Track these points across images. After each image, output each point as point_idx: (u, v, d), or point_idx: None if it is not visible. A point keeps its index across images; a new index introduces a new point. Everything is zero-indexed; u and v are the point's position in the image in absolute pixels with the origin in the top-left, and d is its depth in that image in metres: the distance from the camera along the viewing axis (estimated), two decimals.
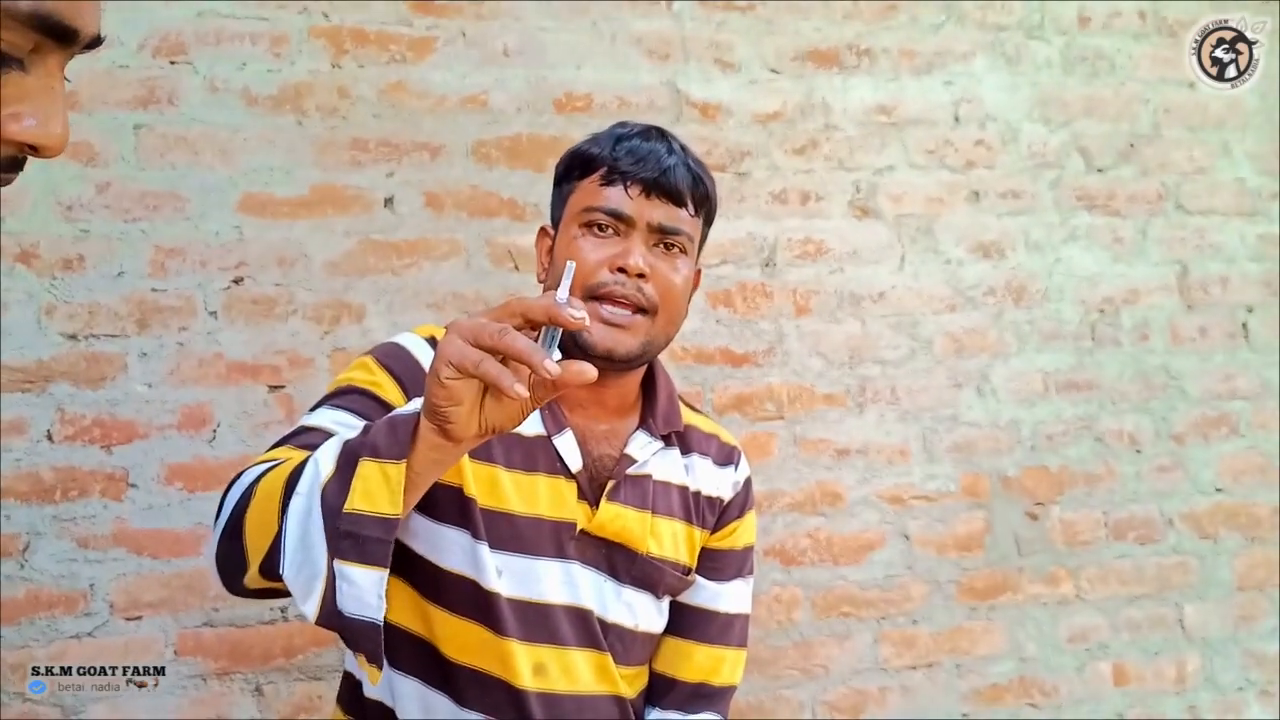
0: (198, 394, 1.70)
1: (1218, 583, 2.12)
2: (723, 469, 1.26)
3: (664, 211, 1.13)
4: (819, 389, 1.97)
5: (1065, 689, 2.01)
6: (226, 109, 1.75)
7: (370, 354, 1.14)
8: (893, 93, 2.06)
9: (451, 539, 1.10)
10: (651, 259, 1.12)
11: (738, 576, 1.27)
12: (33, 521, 1.63)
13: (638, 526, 1.16)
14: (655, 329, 1.13)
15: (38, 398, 1.65)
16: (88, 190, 1.69)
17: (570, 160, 1.18)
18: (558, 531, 1.13)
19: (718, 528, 1.26)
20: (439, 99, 1.84)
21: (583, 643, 1.13)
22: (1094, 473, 2.08)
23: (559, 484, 1.13)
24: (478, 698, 1.10)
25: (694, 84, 1.96)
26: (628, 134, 1.15)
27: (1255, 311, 2.21)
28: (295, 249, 1.76)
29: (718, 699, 1.26)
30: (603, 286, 1.10)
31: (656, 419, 1.20)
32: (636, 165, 1.12)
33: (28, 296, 1.66)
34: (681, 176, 1.13)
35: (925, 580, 1.97)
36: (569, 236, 1.14)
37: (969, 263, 2.07)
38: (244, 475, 0.97)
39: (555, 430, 1.14)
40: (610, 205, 1.12)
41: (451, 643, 1.10)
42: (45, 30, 0.55)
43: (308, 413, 1.10)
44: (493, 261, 1.84)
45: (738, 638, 1.28)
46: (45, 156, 0.58)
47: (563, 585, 1.12)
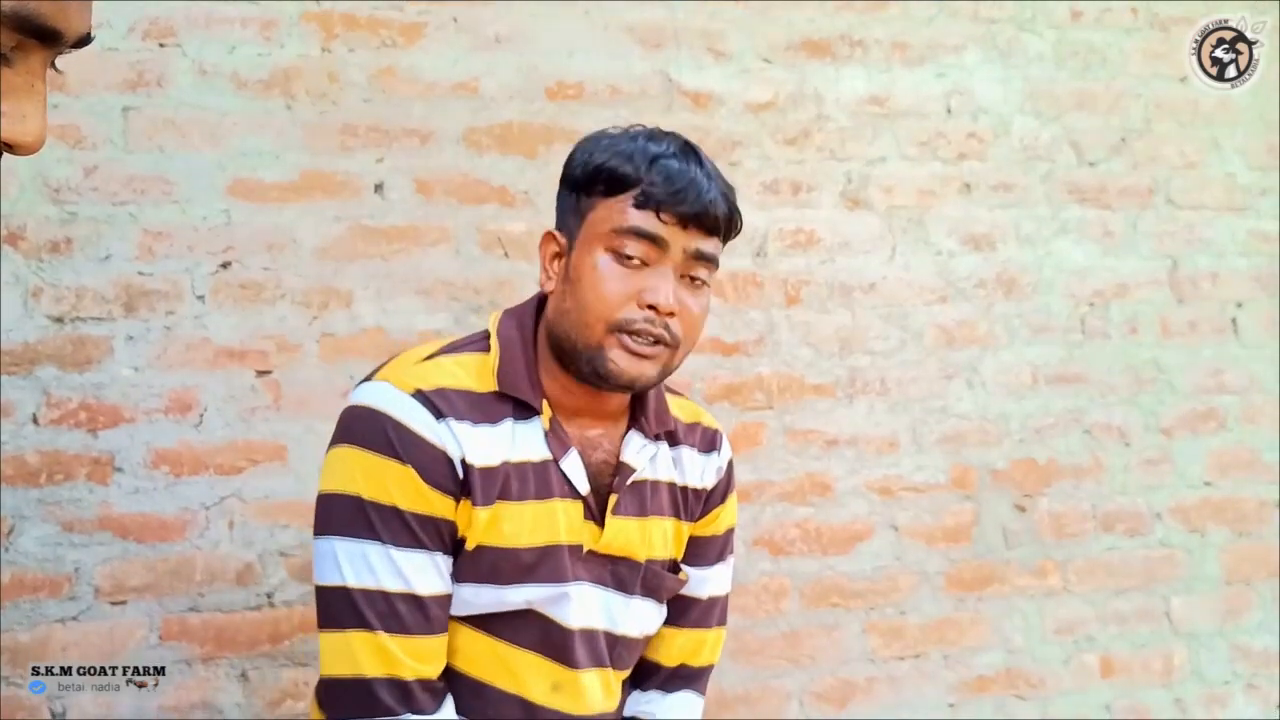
0: (185, 378, 1.70)
1: (1205, 576, 2.12)
2: (707, 455, 1.26)
3: (699, 240, 1.08)
4: (809, 379, 1.97)
5: (1052, 680, 2.01)
6: (216, 92, 1.75)
7: (388, 453, 1.04)
8: (885, 84, 2.06)
9: (465, 590, 1.09)
10: (680, 293, 1.07)
11: (719, 560, 1.28)
12: (18, 505, 1.62)
13: (638, 536, 1.16)
14: (674, 359, 1.11)
15: (24, 380, 1.64)
16: (75, 173, 1.68)
17: (594, 173, 1.09)
18: (571, 555, 1.12)
19: (702, 515, 1.26)
20: (429, 85, 1.83)
21: (592, 663, 1.14)
22: (1082, 465, 2.08)
23: (569, 507, 1.12)
24: (484, 709, 1.10)
25: (686, 73, 1.96)
26: (664, 154, 1.07)
27: (1245, 306, 2.21)
28: (284, 234, 1.75)
29: (696, 678, 1.27)
30: (632, 323, 1.05)
31: (649, 419, 1.18)
32: (675, 195, 1.05)
33: (14, 279, 1.65)
34: (720, 209, 1.08)
35: (913, 571, 1.97)
36: (591, 259, 1.07)
37: (960, 255, 2.07)
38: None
39: (561, 453, 1.12)
40: (645, 228, 1.06)
41: (460, 654, 1.10)
42: (26, 31, 0.54)
43: (346, 544, 1.03)
44: (482, 249, 1.83)
45: (718, 618, 1.29)
46: (19, 154, 0.58)
47: (575, 608, 1.11)
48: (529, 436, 1.11)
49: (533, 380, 1.12)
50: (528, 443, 1.11)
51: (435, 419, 1.05)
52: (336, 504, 1.05)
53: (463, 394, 1.08)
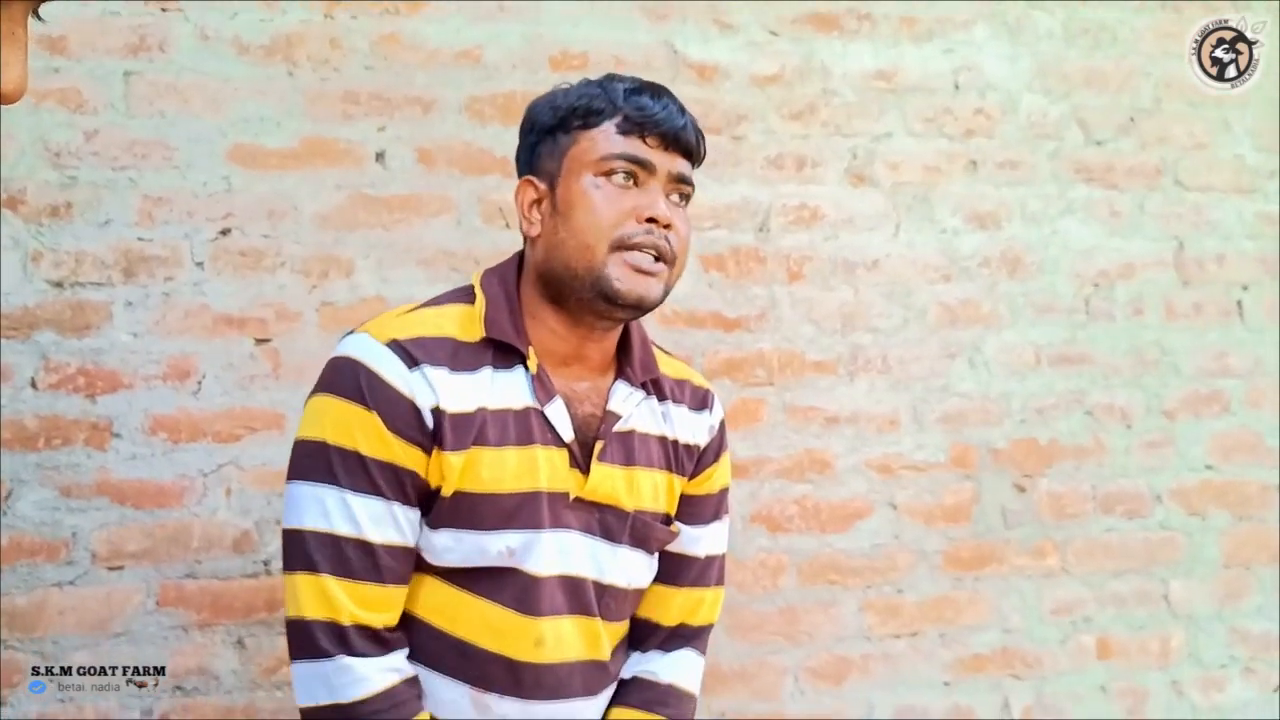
0: (183, 345, 1.69)
1: (1204, 559, 2.12)
2: (698, 414, 1.27)
3: (681, 164, 1.15)
4: (810, 356, 1.96)
5: (1048, 661, 2.01)
6: (217, 58, 1.73)
7: (358, 400, 1.06)
8: (892, 59, 2.04)
9: (444, 538, 1.10)
10: (671, 210, 1.13)
11: (715, 519, 1.29)
12: (15, 469, 1.62)
13: (624, 484, 1.17)
14: (671, 277, 1.15)
15: (22, 345, 1.64)
16: (76, 137, 1.68)
17: (567, 112, 1.14)
18: (553, 503, 1.12)
19: (695, 474, 1.26)
20: (432, 53, 1.82)
21: (575, 610, 1.14)
22: (1084, 446, 2.07)
23: (552, 454, 1.13)
24: (468, 669, 1.11)
25: (692, 44, 1.94)
26: (634, 88, 1.15)
27: (1250, 289, 2.19)
28: (284, 201, 1.74)
29: (695, 637, 1.28)
30: (632, 238, 1.10)
31: (635, 368, 1.20)
32: (654, 120, 1.12)
33: (13, 243, 1.65)
34: (692, 132, 1.15)
35: (911, 549, 1.97)
36: (580, 186, 1.12)
37: (964, 233, 2.05)
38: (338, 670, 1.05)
39: (546, 400, 1.13)
40: (633, 153, 1.11)
41: (444, 615, 1.11)
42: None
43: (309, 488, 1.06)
44: (484, 219, 1.83)
45: (715, 578, 1.30)
46: (1, 103, 0.57)
47: (558, 556, 1.12)
48: (511, 384, 1.13)
49: (518, 327, 1.14)
50: (509, 390, 1.12)
51: (408, 368, 1.08)
52: (304, 450, 1.09)
53: (443, 342, 1.11)
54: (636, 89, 1.14)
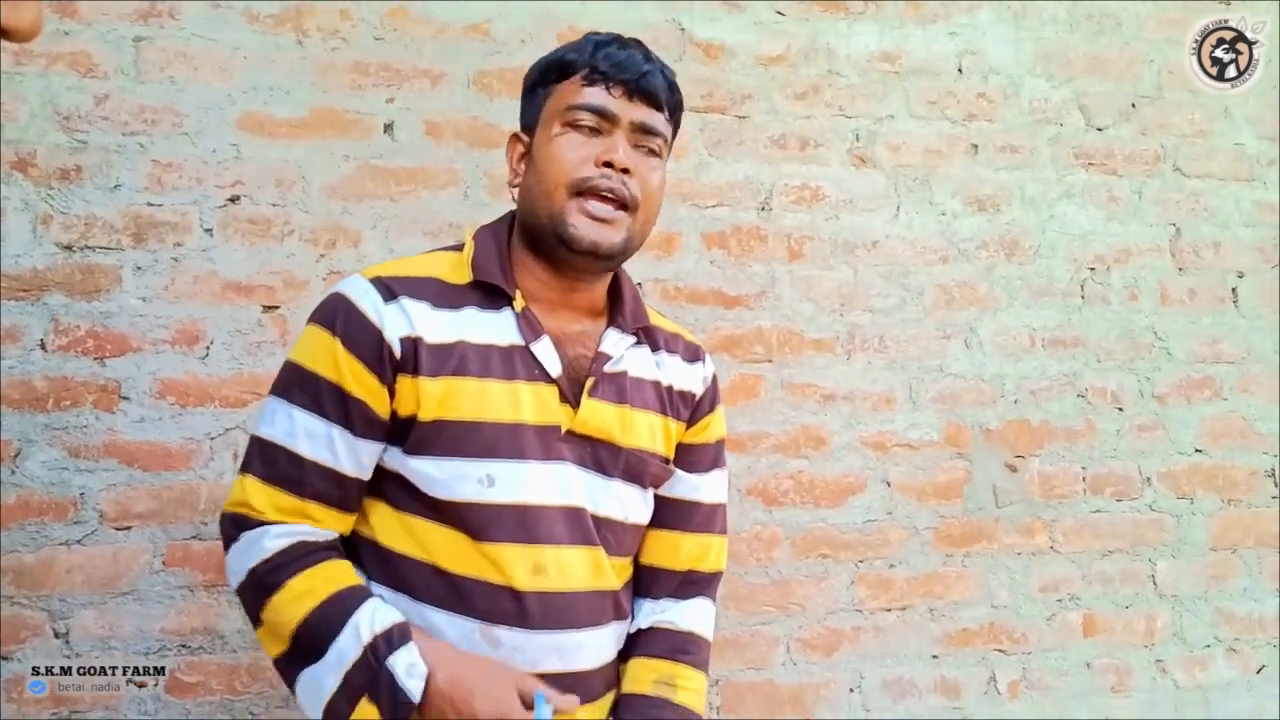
0: (192, 310, 1.71)
1: (1191, 541, 2.15)
2: (691, 365, 1.32)
3: (644, 113, 1.19)
4: (808, 334, 1.99)
5: (1034, 637, 2.05)
6: (228, 26, 1.75)
7: (330, 326, 1.14)
8: (897, 41, 2.06)
9: (427, 465, 1.13)
10: (634, 156, 1.17)
11: (714, 468, 1.34)
12: (24, 429, 1.65)
13: (617, 421, 1.21)
14: (635, 225, 1.19)
15: (32, 306, 1.66)
16: (86, 101, 1.69)
17: (546, 67, 1.22)
18: (544, 435, 1.16)
19: (692, 422, 1.31)
20: (441, 26, 1.83)
21: (576, 540, 1.17)
22: (1075, 428, 2.10)
23: (540, 390, 1.17)
24: (473, 603, 1.13)
25: (699, 23, 1.95)
26: (605, 41, 1.20)
27: (1245, 277, 2.22)
28: (293, 170, 1.76)
29: (706, 584, 1.32)
30: (589, 181, 1.15)
31: (626, 317, 1.25)
32: (617, 68, 1.17)
33: (24, 205, 1.66)
34: (659, 81, 1.19)
35: (904, 526, 2.00)
36: (549, 134, 1.18)
37: (963, 215, 2.08)
38: (245, 545, 1.13)
39: (532, 338, 1.17)
40: (594, 102, 1.16)
41: (444, 554, 1.14)
42: None
43: (272, 401, 1.15)
44: (490, 193, 1.84)
45: (720, 526, 1.34)
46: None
47: (554, 486, 1.16)
48: (496, 323, 1.17)
49: (505, 271, 1.19)
50: (493, 328, 1.17)
51: (384, 301, 1.13)
52: (281, 370, 1.18)
53: (428, 280, 1.17)
54: (606, 42, 1.19)
